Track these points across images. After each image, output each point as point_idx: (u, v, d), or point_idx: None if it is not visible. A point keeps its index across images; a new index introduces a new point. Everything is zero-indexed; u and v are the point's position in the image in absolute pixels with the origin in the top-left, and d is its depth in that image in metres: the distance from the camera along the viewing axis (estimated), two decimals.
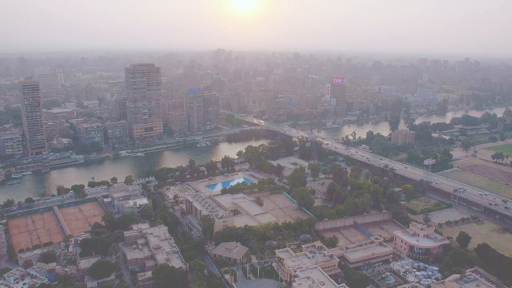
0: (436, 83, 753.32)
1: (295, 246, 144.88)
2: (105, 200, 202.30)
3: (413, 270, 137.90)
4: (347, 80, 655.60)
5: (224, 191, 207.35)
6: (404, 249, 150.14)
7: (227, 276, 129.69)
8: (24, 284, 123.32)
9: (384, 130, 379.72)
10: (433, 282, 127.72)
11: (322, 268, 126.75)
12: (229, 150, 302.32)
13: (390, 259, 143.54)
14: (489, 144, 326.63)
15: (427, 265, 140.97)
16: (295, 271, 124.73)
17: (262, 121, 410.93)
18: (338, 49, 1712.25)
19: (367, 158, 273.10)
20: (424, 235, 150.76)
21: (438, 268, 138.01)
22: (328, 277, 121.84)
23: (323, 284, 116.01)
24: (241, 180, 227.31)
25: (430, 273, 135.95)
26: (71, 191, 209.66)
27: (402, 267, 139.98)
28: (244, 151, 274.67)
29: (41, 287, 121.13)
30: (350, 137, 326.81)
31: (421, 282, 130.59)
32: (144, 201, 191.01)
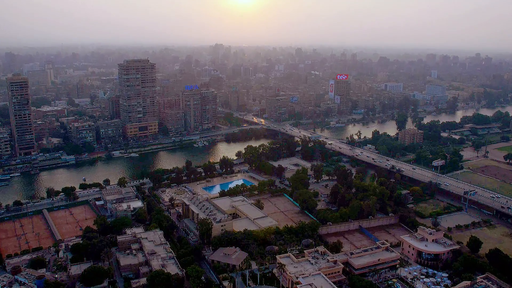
0: (445, 80, 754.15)
1: (297, 252, 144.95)
2: (97, 203, 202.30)
3: (421, 276, 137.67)
4: (351, 76, 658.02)
5: (222, 194, 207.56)
6: (412, 254, 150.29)
7: (225, 283, 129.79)
8: None
9: (390, 129, 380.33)
10: None
11: (325, 275, 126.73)
12: (227, 151, 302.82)
13: (397, 265, 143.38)
14: (501, 144, 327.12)
15: (436, 272, 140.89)
16: (297, 277, 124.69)
17: (262, 120, 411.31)
18: (342, 44, 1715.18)
19: (372, 158, 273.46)
20: (433, 240, 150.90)
21: (447, 275, 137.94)
22: (332, 284, 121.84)
23: None
24: (240, 182, 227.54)
25: (439, 279, 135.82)
26: (61, 193, 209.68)
27: (409, 273, 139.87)
28: (243, 151, 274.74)
29: None
30: (355, 137, 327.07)
31: None
32: (138, 204, 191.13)
